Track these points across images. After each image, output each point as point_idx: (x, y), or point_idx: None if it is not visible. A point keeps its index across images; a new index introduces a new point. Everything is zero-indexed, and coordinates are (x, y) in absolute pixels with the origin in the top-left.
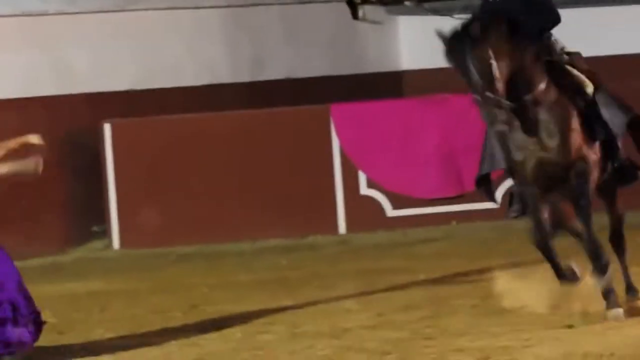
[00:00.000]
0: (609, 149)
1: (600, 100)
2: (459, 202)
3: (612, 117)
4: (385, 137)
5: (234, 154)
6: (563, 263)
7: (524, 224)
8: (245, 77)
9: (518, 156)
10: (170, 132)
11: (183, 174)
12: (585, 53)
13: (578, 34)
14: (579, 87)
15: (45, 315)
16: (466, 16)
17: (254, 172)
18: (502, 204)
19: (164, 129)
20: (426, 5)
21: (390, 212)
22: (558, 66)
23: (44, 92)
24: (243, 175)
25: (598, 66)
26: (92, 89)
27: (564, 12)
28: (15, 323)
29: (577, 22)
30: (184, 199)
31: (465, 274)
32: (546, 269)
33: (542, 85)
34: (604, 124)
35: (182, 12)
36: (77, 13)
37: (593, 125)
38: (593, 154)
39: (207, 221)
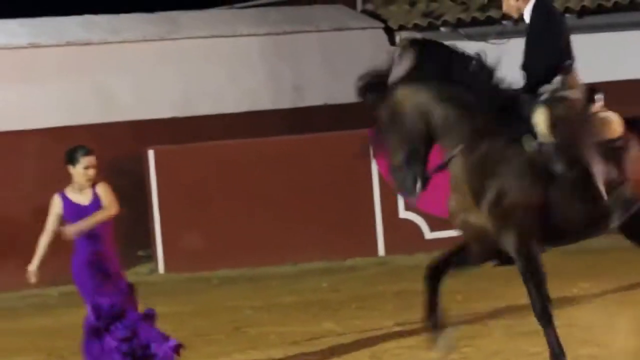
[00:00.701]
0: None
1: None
2: None
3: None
4: None
5: (276, 179)
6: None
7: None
8: (285, 103)
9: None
10: (212, 158)
11: (226, 199)
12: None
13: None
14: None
15: None
16: (501, 42)
17: (296, 196)
18: None
19: (207, 154)
20: (461, 30)
21: (428, 234)
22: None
23: (89, 120)
24: (285, 199)
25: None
26: (135, 116)
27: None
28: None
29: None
30: (227, 224)
31: (501, 294)
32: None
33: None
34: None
35: (223, 40)
36: (120, 42)
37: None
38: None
39: (250, 245)
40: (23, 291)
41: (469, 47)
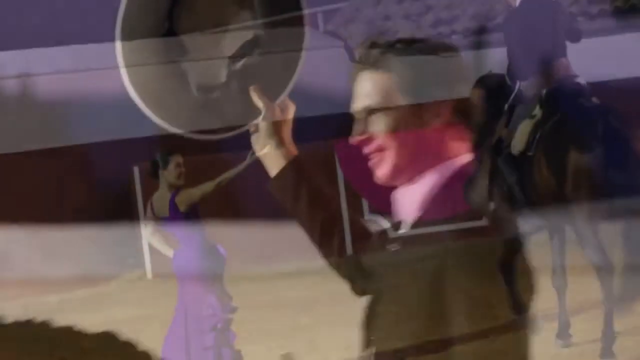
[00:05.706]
0: None
1: None
2: None
3: None
4: None
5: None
6: None
7: None
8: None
9: None
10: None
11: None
12: None
13: None
14: None
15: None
16: (451, 56)
17: None
18: None
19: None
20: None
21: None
22: None
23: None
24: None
25: None
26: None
27: None
28: None
29: None
30: None
31: None
32: None
33: None
34: None
35: None
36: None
37: None
38: None
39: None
40: None
41: (422, 60)
